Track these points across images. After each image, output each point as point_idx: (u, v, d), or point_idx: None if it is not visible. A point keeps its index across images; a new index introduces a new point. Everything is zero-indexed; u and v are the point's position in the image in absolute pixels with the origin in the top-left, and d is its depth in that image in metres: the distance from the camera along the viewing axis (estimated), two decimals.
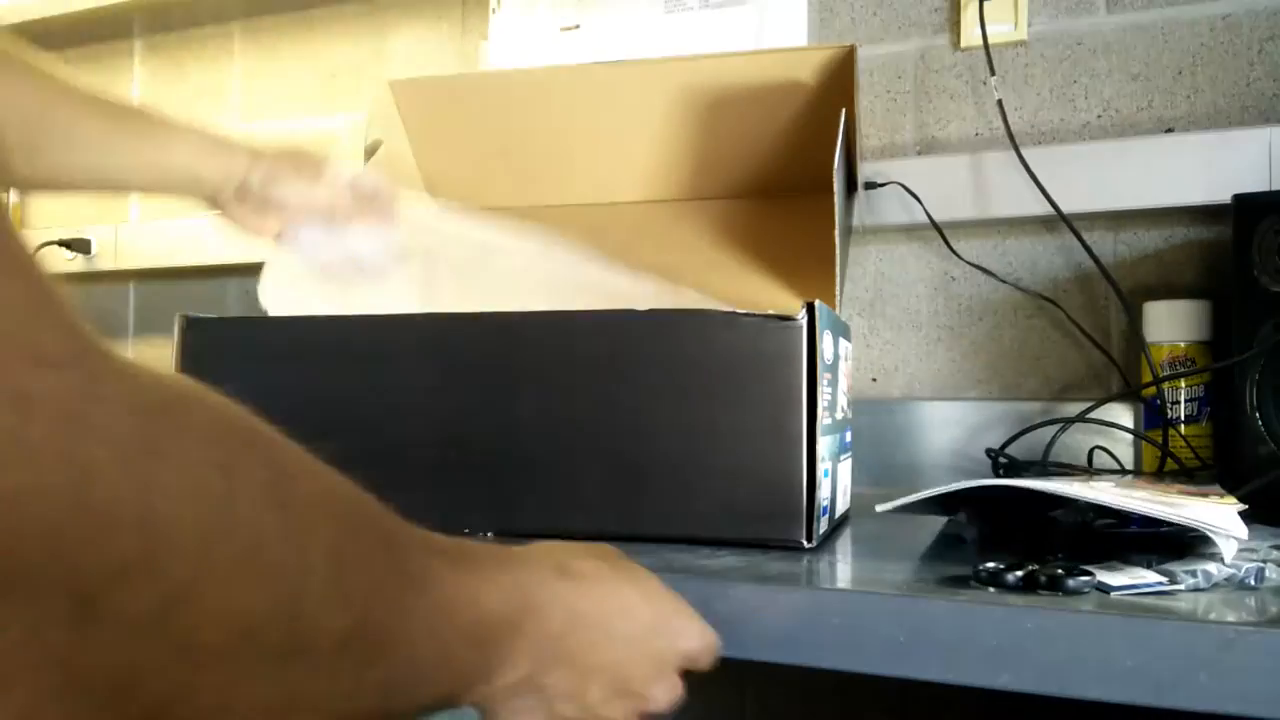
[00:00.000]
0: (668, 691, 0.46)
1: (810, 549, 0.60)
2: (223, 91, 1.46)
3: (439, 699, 0.36)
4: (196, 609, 0.25)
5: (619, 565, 0.46)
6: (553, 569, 0.42)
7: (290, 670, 0.28)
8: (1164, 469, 0.87)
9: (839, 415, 0.69)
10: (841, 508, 0.72)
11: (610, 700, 0.43)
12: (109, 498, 0.22)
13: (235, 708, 0.27)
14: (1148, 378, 0.91)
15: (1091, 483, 0.59)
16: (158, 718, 0.25)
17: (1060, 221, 0.96)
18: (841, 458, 0.70)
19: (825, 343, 0.62)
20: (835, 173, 0.75)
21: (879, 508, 0.56)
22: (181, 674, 0.25)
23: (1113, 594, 0.48)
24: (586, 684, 0.42)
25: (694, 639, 0.47)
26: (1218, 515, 0.51)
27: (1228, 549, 0.51)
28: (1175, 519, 0.51)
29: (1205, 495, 0.59)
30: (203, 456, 0.25)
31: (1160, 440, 0.88)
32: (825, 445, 0.62)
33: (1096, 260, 0.96)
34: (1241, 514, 0.57)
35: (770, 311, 0.60)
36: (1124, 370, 0.98)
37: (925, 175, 1.03)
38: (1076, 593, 0.48)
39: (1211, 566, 0.51)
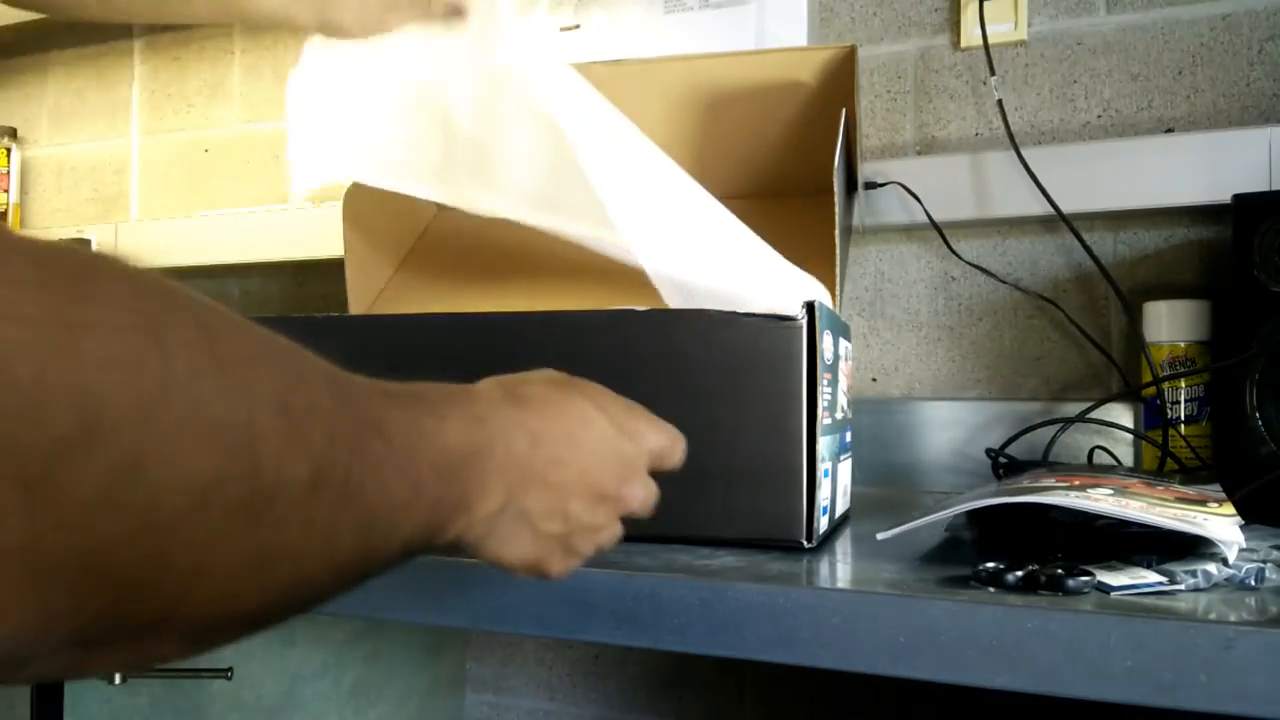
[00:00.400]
0: (642, 490, 0.47)
1: (810, 549, 0.60)
2: (223, 92, 1.46)
3: (422, 537, 0.36)
4: (150, 477, 0.25)
5: (566, 383, 0.47)
6: (504, 397, 0.43)
7: (261, 524, 0.28)
8: (1164, 469, 0.87)
9: (839, 415, 0.69)
10: (841, 508, 0.71)
11: (591, 508, 0.45)
12: (33, 376, 0.22)
13: (212, 568, 0.27)
14: (1148, 378, 0.91)
15: (1090, 490, 0.59)
16: (138, 589, 0.26)
17: (1060, 221, 0.96)
18: (841, 458, 0.70)
19: (825, 343, 0.62)
20: (835, 173, 0.75)
21: (880, 535, 0.56)
22: (150, 543, 0.25)
23: (1113, 594, 0.48)
24: (564, 498, 0.43)
25: (656, 436, 0.48)
26: (1217, 526, 0.51)
27: (1230, 550, 0.51)
28: (1174, 528, 0.51)
29: (1204, 501, 0.59)
30: (126, 322, 0.25)
31: (1160, 440, 0.88)
32: (825, 445, 0.62)
33: (1096, 260, 0.96)
34: (1241, 513, 0.57)
35: (770, 311, 0.60)
36: (1124, 370, 0.98)
37: (925, 175, 1.03)
38: (1076, 593, 0.48)
39: (1211, 567, 0.51)
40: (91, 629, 0.25)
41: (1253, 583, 0.51)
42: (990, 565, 0.50)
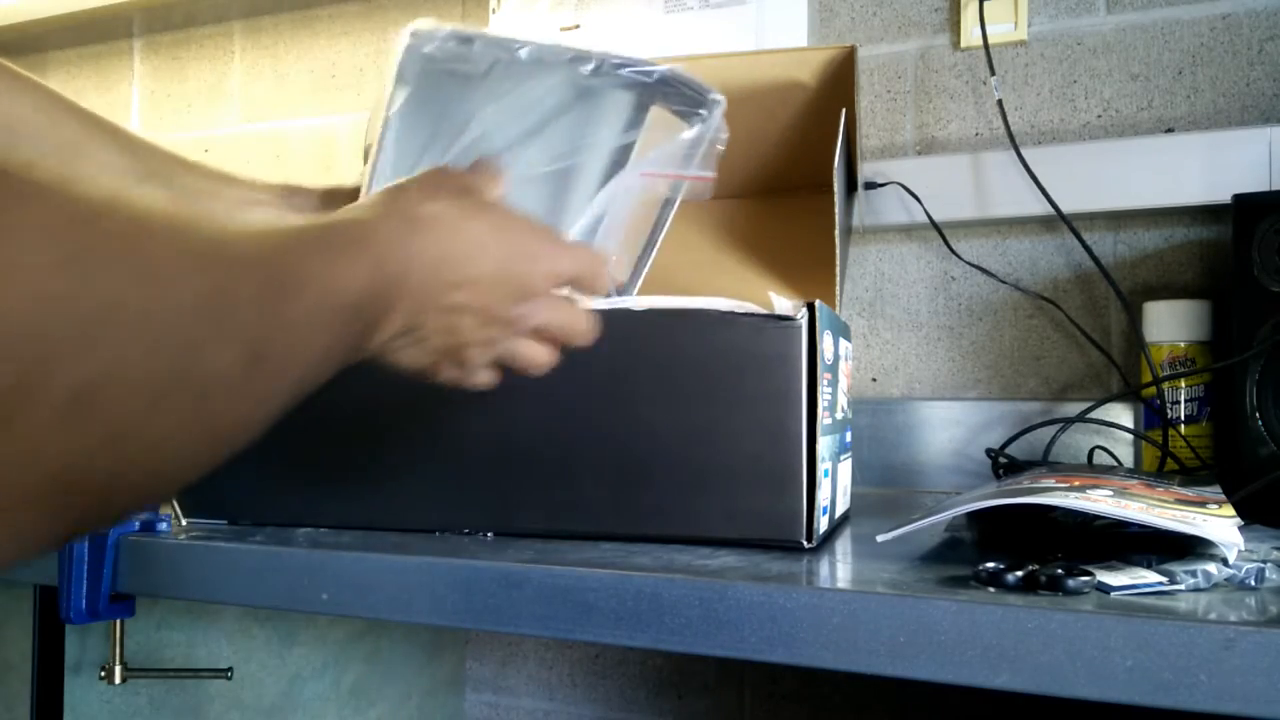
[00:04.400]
0: (545, 311, 0.51)
1: (810, 549, 0.60)
2: (223, 91, 1.46)
3: (341, 362, 0.41)
4: (104, 396, 0.26)
5: (467, 203, 0.49)
6: (401, 225, 0.45)
7: (208, 411, 0.31)
8: (1164, 469, 0.87)
9: (839, 415, 0.69)
10: (841, 508, 0.71)
11: (481, 326, 0.48)
12: None
13: (171, 458, 0.30)
14: (1148, 378, 0.91)
15: (1089, 491, 0.59)
16: (107, 494, 0.28)
17: (1060, 221, 0.96)
18: (841, 458, 0.70)
19: (825, 343, 0.62)
20: (835, 173, 0.75)
21: (880, 537, 0.56)
22: (114, 454, 0.28)
23: (1113, 594, 0.48)
24: (455, 318, 0.47)
25: (557, 260, 0.51)
26: (1215, 529, 0.51)
27: (1230, 551, 0.51)
28: (1173, 529, 0.51)
29: (1204, 502, 0.59)
30: (55, 258, 0.25)
31: (1160, 440, 0.88)
32: (825, 445, 0.62)
33: (1096, 260, 0.96)
34: (1240, 514, 0.57)
35: (770, 311, 0.60)
36: (1124, 370, 0.98)
37: (925, 175, 1.03)
38: (1076, 593, 0.48)
39: (1211, 567, 0.51)
40: (70, 531, 0.28)
41: (1253, 583, 0.51)
42: (990, 565, 0.50)
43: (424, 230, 0.46)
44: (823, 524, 0.62)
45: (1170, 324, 0.91)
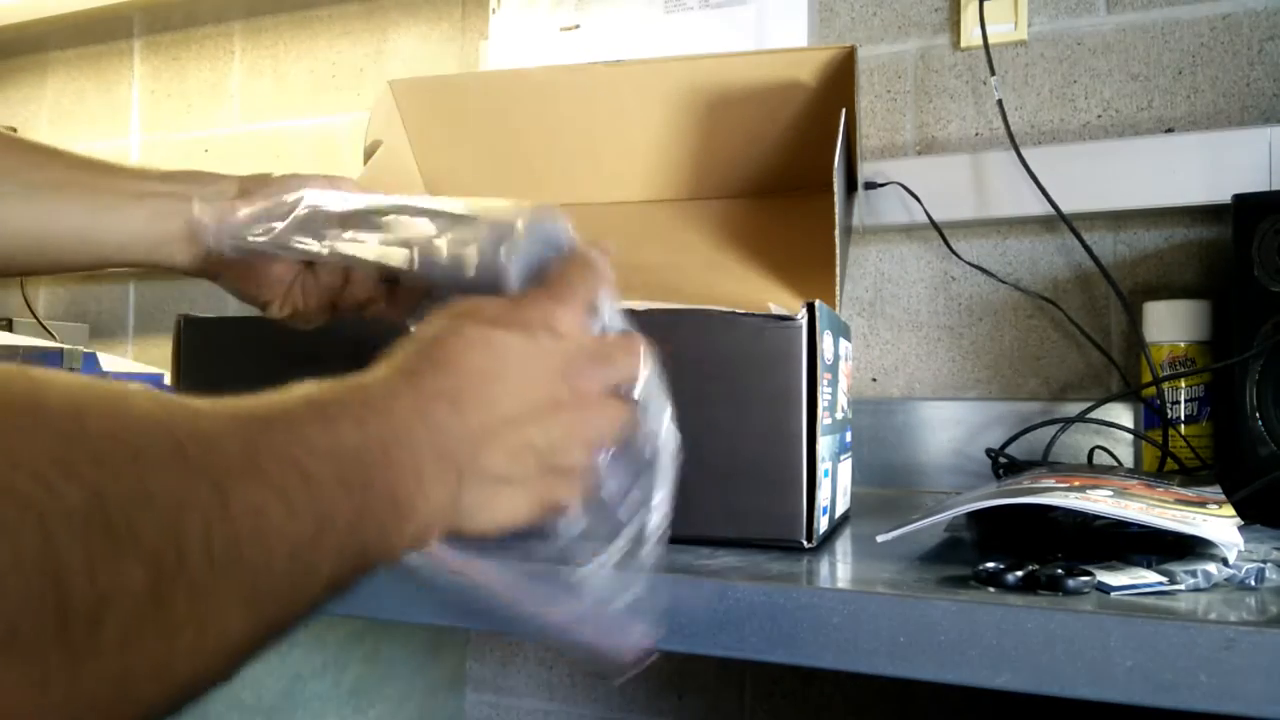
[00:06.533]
0: (601, 369, 0.42)
1: (810, 549, 0.60)
2: (223, 92, 1.46)
3: (355, 563, 0.32)
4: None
5: (448, 320, 0.40)
6: (398, 374, 0.37)
7: (89, 652, 0.24)
8: (1164, 469, 0.87)
9: (839, 415, 0.69)
10: (841, 508, 0.72)
11: (550, 425, 0.40)
12: None
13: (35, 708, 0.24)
14: (1148, 378, 0.91)
15: (1089, 491, 0.59)
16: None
17: (1060, 221, 0.96)
18: (841, 458, 0.70)
19: (825, 343, 0.62)
20: (835, 173, 0.75)
21: (880, 538, 0.56)
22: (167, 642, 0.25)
23: (1113, 594, 0.48)
24: (519, 434, 0.39)
25: (572, 311, 0.42)
26: (1215, 529, 0.51)
27: (1229, 551, 0.51)
28: (1172, 529, 0.51)
29: (1203, 502, 0.59)
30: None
31: (1160, 440, 0.88)
32: (825, 445, 0.62)
33: (1096, 260, 0.96)
34: (1240, 514, 0.57)
35: (770, 311, 0.60)
36: (1124, 370, 0.98)
37: (925, 175, 1.03)
38: (1076, 593, 0.48)
39: (1211, 567, 0.51)
40: None
41: (1253, 583, 0.51)
42: (990, 565, 0.50)
43: (426, 363, 0.38)
44: (823, 524, 0.62)
45: (1170, 324, 0.91)
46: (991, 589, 0.49)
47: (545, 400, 0.40)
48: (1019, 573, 0.49)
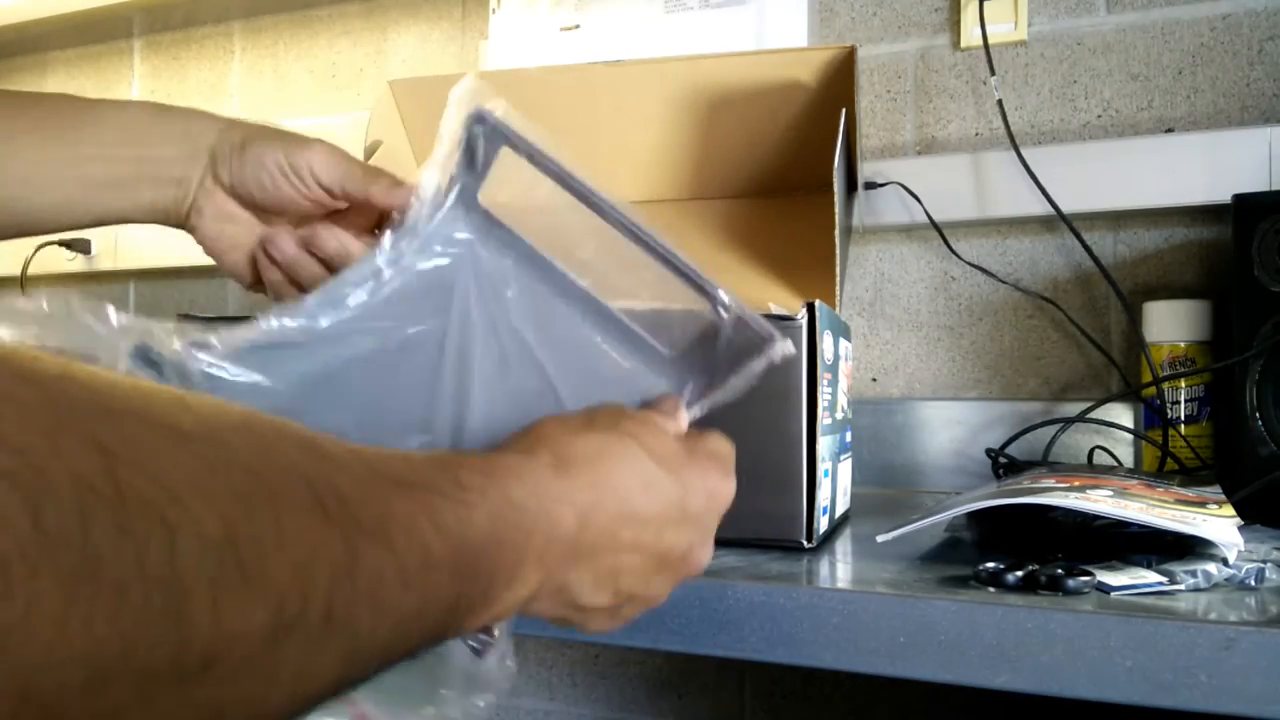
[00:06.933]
0: (708, 552, 0.42)
1: (810, 549, 0.60)
2: (223, 91, 1.46)
3: (433, 639, 0.32)
4: (13, 658, 0.19)
5: (623, 429, 0.40)
6: (552, 466, 0.37)
7: (195, 693, 0.23)
8: (1164, 469, 0.87)
9: (839, 415, 0.69)
10: (841, 508, 0.72)
11: (647, 580, 0.40)
12: None
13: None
14: (1148, 378, 0.91)
15: (1089, 491, 0.59)
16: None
17: (1060, 221, 0.96)
18: (841, 458, 0.70)
19: (825, 343, 0.62)
20: (835, 173, 0.75)
21: (880, 538, 0.56)
22: None
23: (1113, 594, 0.48)
24: (616, 573, 0.38)
25: (726, 492, 0.43)
26: (1215, 529, 0.51)
27: (1229, 551, 0.52)
28: (1172, 529, 0.51)
29: (1203, 503, 0.59)
30: None
31: (1160, 440, 0.88)
32: (825, 445, 0.62)
33: (1096, 260, 0.96)
34: (1240, 514, 0.57)
35: (770, 311, 0.60)
36: (1124, 370, 0.98)
37: (925, 175, 1.03)
38: (1076, 593, 0.48)
39: (1211, 567, 0.51)
40: None
41: (1253, 583, 0.51)
42: (990, 565, 0.50)
43: (578, 469, 0.37)
44: (823, 524, 0.62)
45: (1170, 324, 0.91)
46: (991, 589, 0.49)
47: (658, 557, 0.40)
48: (1019, 573, 0.50)
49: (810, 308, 0.60)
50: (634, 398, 0.47)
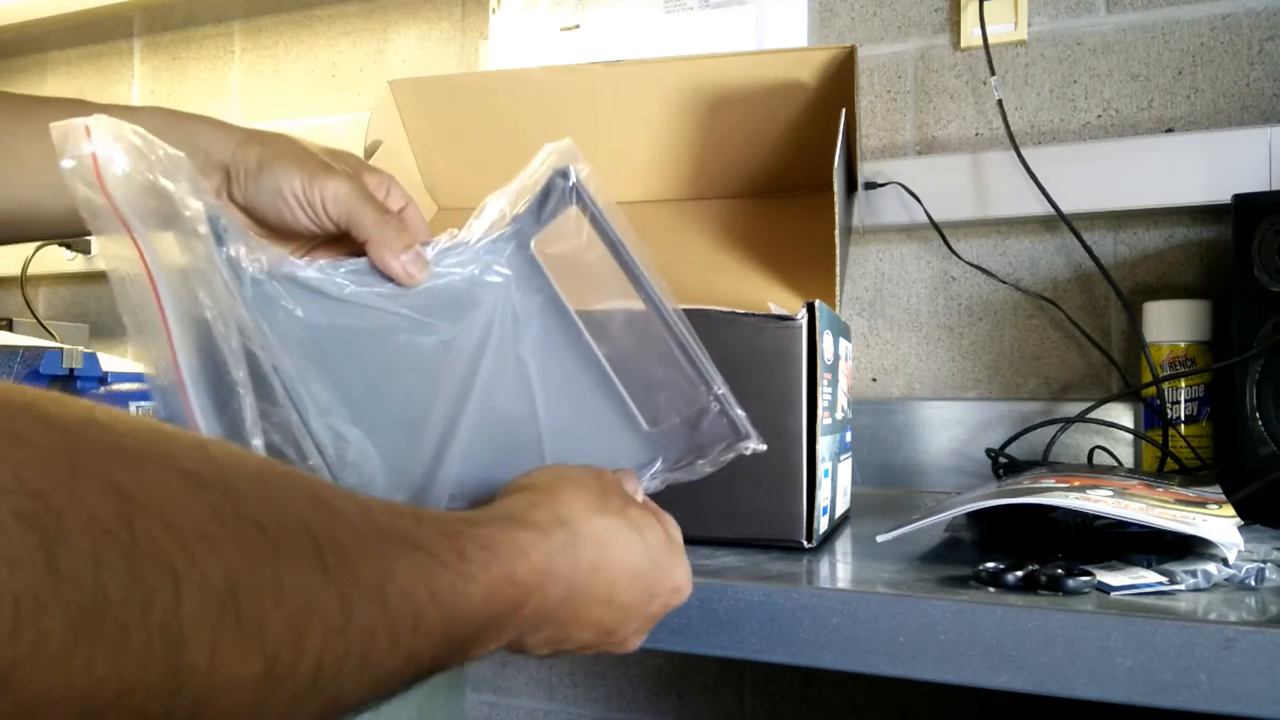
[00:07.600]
0: (640, 639, 0.45)
1: (810, 549, 0.60)
2: (223, 91, 1.46)
3: (415, 680, 0.33)
4: (18, 695, 0.20)
5: (631, 518, 0.43)
6: (563, 546, 0.39)
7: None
8: (1164, 469, 0.87)
9: (839, 415, 0.69)
10: (841, 508, 0.71)
11: (588, 647, 0.43)
12: None
13: None
14: (1148, 378, 0.91)
15: (1089, 491, 0.59)
16: None
17: (1060, 221, 0.96)
18: (841, 458, 0.70)
19: (825, 343, 0.62)
20: (835, 173, 0.75)
21: (880, 538, 0.56)
22: None
23: (1113, 594, 0.48)
24: (569, 637, 0.41)
25: (683, 592, 0.46)
26: (1215, 529, 0.51)
27: (1229, 551, 0.51)
28: (1172, 529, 0.51)
29: (1203, 503, 0.59)
30: (7, 509, 0.20)
31: (1160, 440, 0.88)
32: (825, 445, 0.62)
33: (1096, 260, 0.96)
34: (1240, 514, 0.57)
35: (770, 311, 0.60)
36: (1124, 370, 0.98)
37: (925, 175, 1.03)
38: (1076, 593, 0.48)
39: (1211, 567, 0.51)
40: None
41: (1253, 583, 0.51)
42: (990, 565, 0.50)
43: (582, 547, 0.40)
44: (823, 524, 0.62)
45: (1170, 324, 0.91)
46: (991, 589, 0.49)
47: (606, 634, 0.42)
48: (1019, 573, 0.50)
49: (810, 308, 0.60)
50: (603, 455, 0.51)
